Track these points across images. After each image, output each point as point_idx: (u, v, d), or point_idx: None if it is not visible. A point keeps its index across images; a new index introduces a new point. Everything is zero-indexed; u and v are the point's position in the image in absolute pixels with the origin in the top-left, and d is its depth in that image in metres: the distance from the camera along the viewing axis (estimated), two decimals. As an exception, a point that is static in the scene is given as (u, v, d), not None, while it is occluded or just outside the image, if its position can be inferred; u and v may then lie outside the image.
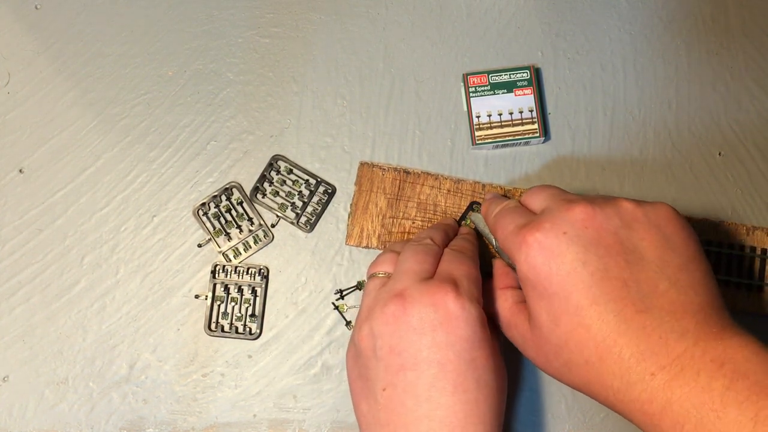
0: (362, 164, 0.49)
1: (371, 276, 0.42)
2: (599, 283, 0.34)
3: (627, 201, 0.37)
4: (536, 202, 0.40)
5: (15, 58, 0.51)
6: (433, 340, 0.37)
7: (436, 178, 0.49)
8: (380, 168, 0.49)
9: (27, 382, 0.47)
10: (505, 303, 0.41)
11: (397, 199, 0.48)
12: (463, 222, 0.48)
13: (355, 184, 0.49)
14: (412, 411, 0.36)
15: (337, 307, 0.48)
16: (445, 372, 0.36)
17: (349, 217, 0.49)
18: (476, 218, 0.47)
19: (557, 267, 0.35)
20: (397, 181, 0.49)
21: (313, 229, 0.49)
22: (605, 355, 0.33)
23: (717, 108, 0.50)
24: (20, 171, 0.50)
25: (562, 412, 0.47)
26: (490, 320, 0.42)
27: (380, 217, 0.48)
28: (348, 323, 0.48)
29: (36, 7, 0.52)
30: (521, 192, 0.48)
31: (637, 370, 0.32)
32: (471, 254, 0.43)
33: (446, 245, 0.44)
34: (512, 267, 0.43)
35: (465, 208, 0.48)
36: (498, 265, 0.44)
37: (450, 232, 0.45)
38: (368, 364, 0.38)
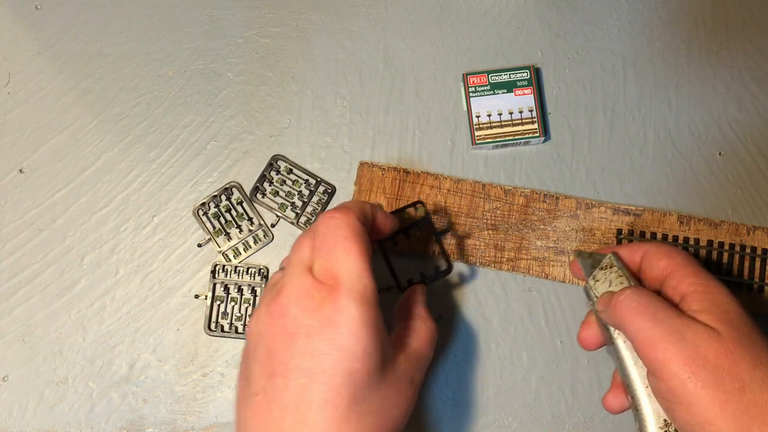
0: (362, 164, 0.49)
1: (279, 268, 0.40)
2: None
3: None
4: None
5: (15, 58, 0.51)
6: (306, 347, 0.33)
7: (436, 178, 0.49)
8: (380, 168, 0.49)
9: (27, 382, 0.47)
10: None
11: (396, 199, 0.48)
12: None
13: (355, 184, 0.49)
14: (278, 422, 0.33)
15: (337, 307, 0.48)
16: (315, 383, 0.33)
17: (349, 217, 0.49)
18: (584, 262, 0.43)
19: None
20: (397, 181, 0.49)
21: (313, 229, 0.49)
22: None
23: (717, 108, 0.50)
24: (20, 171, 0.50)
25: (562, 412, 0.47)
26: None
27: (380, 217, 0.48)
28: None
29: (36, 7, 0.52)
30: (518, 190, 0.48)
31: None
32: (353, 207, 0.37)
33: None
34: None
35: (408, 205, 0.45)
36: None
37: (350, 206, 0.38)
38: (248, 365, 0.36)
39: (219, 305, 0.48)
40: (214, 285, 0.48)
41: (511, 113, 0.49)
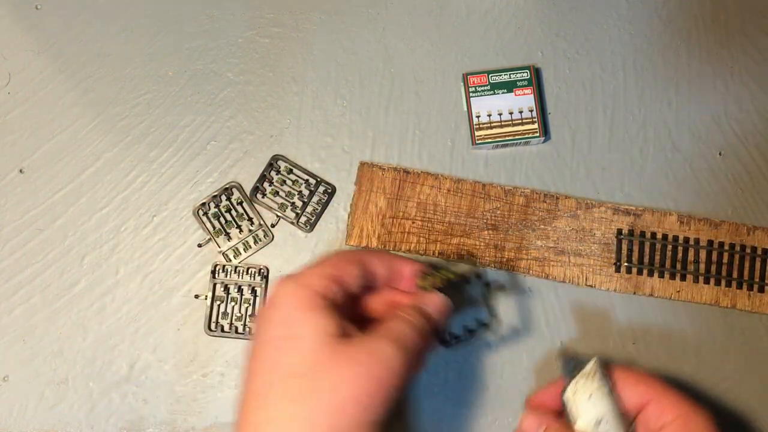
0: (362, 164, 0.49)
1: None
2: None
3: None
4: None
5: (15, 58, 0.51)
6: None
7: (436, 178, 0.49)
8: (380, 168, 0.49)
9: (27, 382, 0.47)
10: None
11: (397, 199, 0.48)
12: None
13: (355, 183, 0.49)
14: None
15: (337, 307, 0.48)
16: None
17: (348, 217, 0.49)
18: (566, 361, 0.42)
19: None
20: (397, 181, 0.49)
21: (313, 229, 0.49)
22: None
23: (717, 108, 0.50)
24: (20, 171, 0.50)
25: (562, 412, 0.47)
26: None
27: (380, 217, 0.48)
28: (348, 323, 0.48)
29: (36, 8, 0.52)
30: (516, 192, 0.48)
31: None
32: (314, 273, 0.38)
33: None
34: None
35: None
36: None
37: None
38: None
39: (219, 305, 0.48)
40: (214, 285, 0.48)
41: (511, 113, 0.49)
